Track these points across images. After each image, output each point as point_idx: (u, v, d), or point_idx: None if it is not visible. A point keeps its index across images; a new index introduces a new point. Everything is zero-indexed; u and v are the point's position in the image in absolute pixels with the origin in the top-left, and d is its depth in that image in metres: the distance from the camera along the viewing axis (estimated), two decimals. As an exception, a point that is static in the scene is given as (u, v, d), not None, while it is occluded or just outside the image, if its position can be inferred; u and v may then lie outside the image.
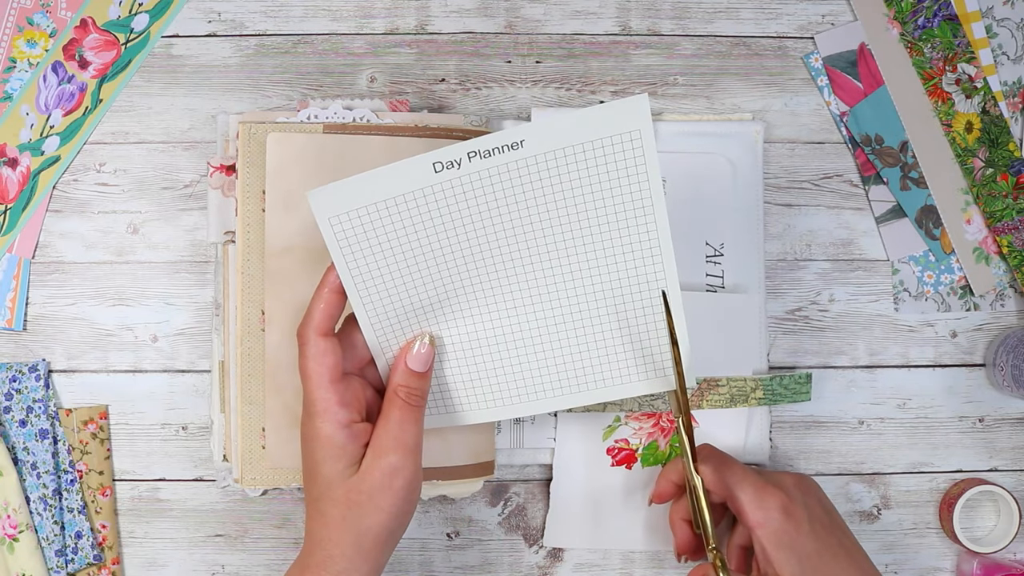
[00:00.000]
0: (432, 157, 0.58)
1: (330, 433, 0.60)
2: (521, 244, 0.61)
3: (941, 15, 0.78)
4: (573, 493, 0.76)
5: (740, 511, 0.65)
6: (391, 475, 0.60)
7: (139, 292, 0.77)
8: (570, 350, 0.64)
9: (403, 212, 0.59)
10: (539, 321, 0.63)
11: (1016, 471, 0.79)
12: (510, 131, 0.58)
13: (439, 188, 0.59)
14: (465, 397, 0.66)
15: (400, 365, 0.62)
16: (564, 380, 0.65)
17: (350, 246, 0.60)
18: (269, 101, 0.77)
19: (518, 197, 0.60)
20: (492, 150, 0.58)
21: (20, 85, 0.76)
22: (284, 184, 0.71)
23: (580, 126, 0.58)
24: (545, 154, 0.58)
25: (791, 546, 0.63)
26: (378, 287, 0.61)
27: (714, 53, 0.79)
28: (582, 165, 0.59)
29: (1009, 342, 0.76)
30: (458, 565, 0.78)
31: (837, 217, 0.79)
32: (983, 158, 0.78)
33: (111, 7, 0.77)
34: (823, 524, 0.65)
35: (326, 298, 0.61)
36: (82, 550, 0.75)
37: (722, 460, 0.66)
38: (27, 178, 0.76)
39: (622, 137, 0.58)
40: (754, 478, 0.65)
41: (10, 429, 0.75)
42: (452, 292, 0.62)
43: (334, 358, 0.60)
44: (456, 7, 0.78)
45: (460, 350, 0.64)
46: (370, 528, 0.60)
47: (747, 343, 0.76)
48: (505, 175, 0.59)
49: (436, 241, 0.60)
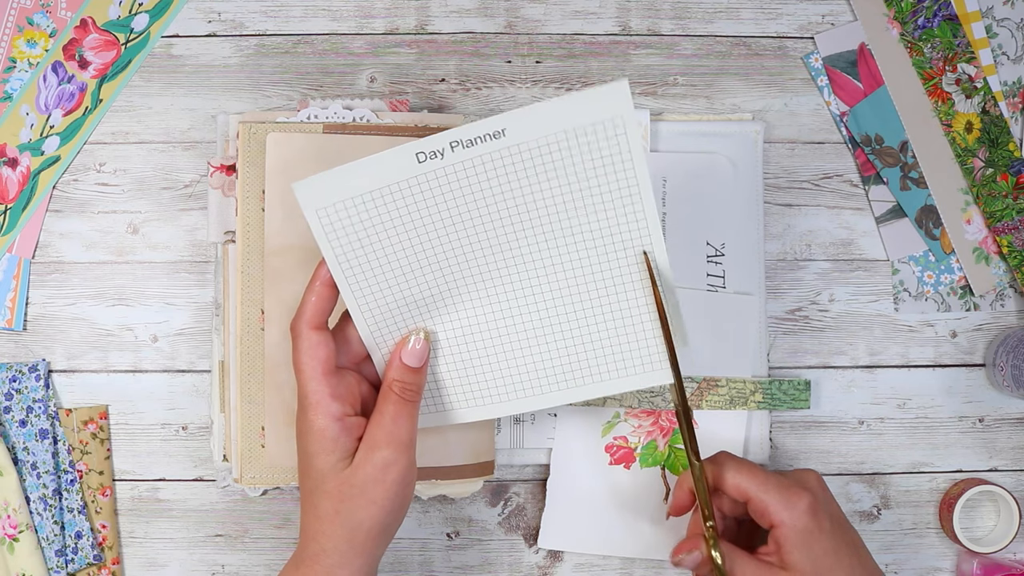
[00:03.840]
0: (415, 147, 0.57)
1: (323, 426, 0.60)
2: (510, 234, 0.61)
3: (941, 15, 0.78)
4: (570, 493, 0.76)
5: (764, 512, 0.64)
6: (383, 469, 0.60)
7: (139, 292, 0.77)
8: (565, 344, 0.64)
9: (389, 204, 0.59)
10: (531, 314, 0.63)
11: (1016, 471, 0.79)
12: (492, 120, 0.57)
13: (423, 179, 0.58)
14: (460, 395, 0.66)
15: (395, 360, 0.62)
16: (560, 375, 0.65)
17: (339, 239, 0.60)
18: (269, 101, 0.78)
19: (503, 187, 0.59)
20: (474, 139, 0.57)
21: (20, 85, 0.76)
22: (284, 184, 0.71)
23: (562, 113, 0.57)
24: (528, 142, 0.58)
25: (810, 546, 0.63)
26: (368, 280, 0.61)
27: (714, 53, 0.79)
28: (566, 153, 0.58)
29: (1009, 342, 0.76)
30: (458, 565, 0.78)
31: (837, 217, 0.79)
32: (983, 158, 0.78)
33: (111, 7, 0.77)
34: (839, 523, 0.65)
35: (318, 291, 0.61)
36: (82, 550, 0.75)
37: (739, 464, 0.66)
38: (27, 178, 0.76)
39: (604, 124, 0.57)
40: (778, 479, 0.65)
41: (10, 429, 0.75)
42: (444, 285, 0.62)
43: (326, 351, 0.60)
44: (456, 7, 0.78)
45: (454, 345, 0.64)
46: (362, 522, 0.60)
47: (747, 343, 0.76)
48: (489, 164, 0.58)
49: (424, 233, 0.60)
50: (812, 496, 0.64)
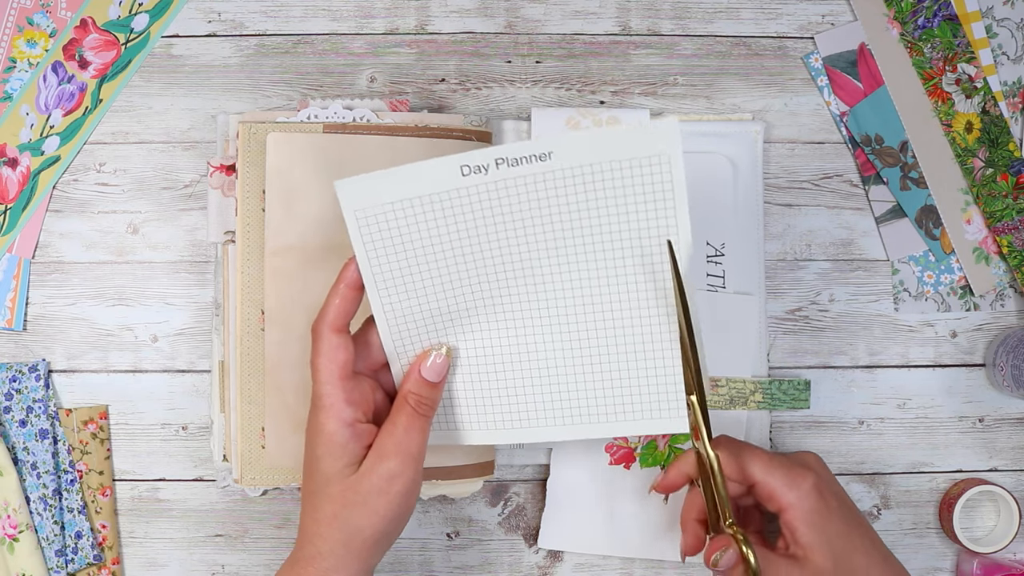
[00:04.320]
0: (460, 159, 0.58)
1: (333, 430, 0.60)
2: (543, 258, 0.61)
3: (941, 15, 0.78)
4: (570, 493, 0.76)
5: (771, 495, 0.63)
6: (389, 480, 0.60)
7: (139, 292, 0.77)
8: (585, 378, 0.63)
9: (428, 213, 0.59)
10: (555, 344, 0.63)
11: (1016, 471, 0.79)
12: (540, 141, 0.57)
13: (464, 192, 0.58)
14: (472, 416, 0.65)
15: (414, 373, 0.62)
16: (576, 410, 0.64)
17: (373, 242, 0.60)
18: (269, 101, 0.78)
19: (543, 209, 0.59)
20: (520, 159, 0.58)
21: (20, 85, 0.76)
22: (284, 184, 0.71)
23: (611, 144, 0.57)
24: (572, 168, 0.58)
25: (823, 527, 0.62)
26: (398, 288, 0.61)
27: (714, 53, 0.79)
28: (608, 183, 0.58)
29: (1009, 342, 0.76)
30: (458, 565, 0.78)
31: (837, 217, 0.79)
32: (983, 158, 0.78)
33: (111, 7, 0.77)
34: (846, 504, 0.65)
35: (342, 293, 0.61)
36: (82, 550, 0.75)
37: (741, 447, 0.65)
38: (27, 178, 0.76)
39: (651, 159, 0.58)
40: (781, 460, 0.64)
41: (10, 429, 0.75)
42: (471, 302, 0.62)
43: (345, 355, 0.60)
44: (456, 7, 0.78)
45: (474, 365, 0.64)
46: (361, 529, 0.60)
47: (747, 343, 0.76)
48: (531, 185, 0.58)
49: (459, 247, 0.60)
50: (816, 475, 0.63)
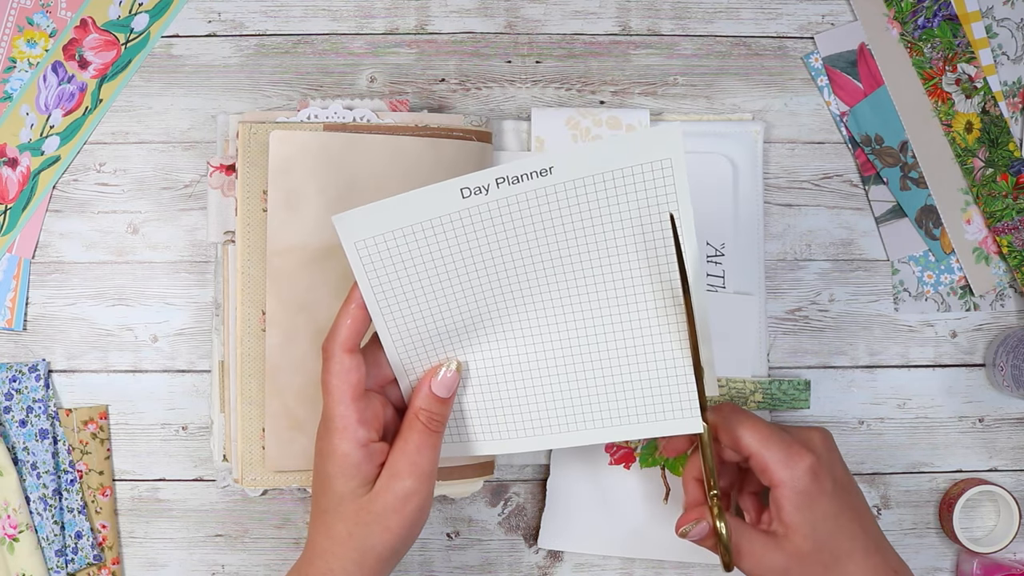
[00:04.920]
0: (460, 183, 0.57)
1: (347, 451, 0.59)
2: (548, 270, 0.61)
3: (941, 15, 0.78)
4: (570, 493, 0.76)
5: (764, 468, 0.63)
6: (404, 499, 0.60)
7: (139, 292, 0.77)
8: (595, 384, 0.63)
9: (430, 237, 0.59)
10: (563, 351, 0.63)
11: (1016, 471, 0.79)
12: (540, 157, 0.57)
13: (466, 214, 0.58)
14: (483, 427, 0.65)
15: (424, 389, 0.62)
16: (587, 415, 0.64)
17: (375, 270, 0.59)
18: (269, 101, 0.77)
19: (546, 223, 0.59)
20: (521, 176, 0.57)
21: (20, 85, 0.76)
22: (287, 182, 0.71)
23: (612, 154, 0.57)
24: (575, 180, 0.58)
25: (811, 508, 0.62)
26: (403, 310, 0.61)
27: (714, 53, 0.79)
28: (611, 192, 0.58)
29: (1009, 342, 0.76)
30: (458, 565, 0.78)
31: (837, 217, 0.79)
32: (983, 158, 0.78)
33: (111, 7, 0.77)
34: (843, 486, 0.64)
35: (352, 313, 0.60)
36: (82, 550, 0.75)
37: (740, 417, 0.64)
38: (27, 178, 0.76)
39: (652, 165, 0.58)
40: (782, 435, 0.63)
41: (10, 429, 0.75)
42: (477, 317, 0.62)
43: (358, 375, 0.60)
44: (456, 7, 0.78)
45: (483, 377, 0.64)
46: (374, 547, 0.60)
47: (747, 343, 0.76)
48: (533, 201, 0.58)
49: (463, 266, 0.60)
50: (814, 457, 0.63)
